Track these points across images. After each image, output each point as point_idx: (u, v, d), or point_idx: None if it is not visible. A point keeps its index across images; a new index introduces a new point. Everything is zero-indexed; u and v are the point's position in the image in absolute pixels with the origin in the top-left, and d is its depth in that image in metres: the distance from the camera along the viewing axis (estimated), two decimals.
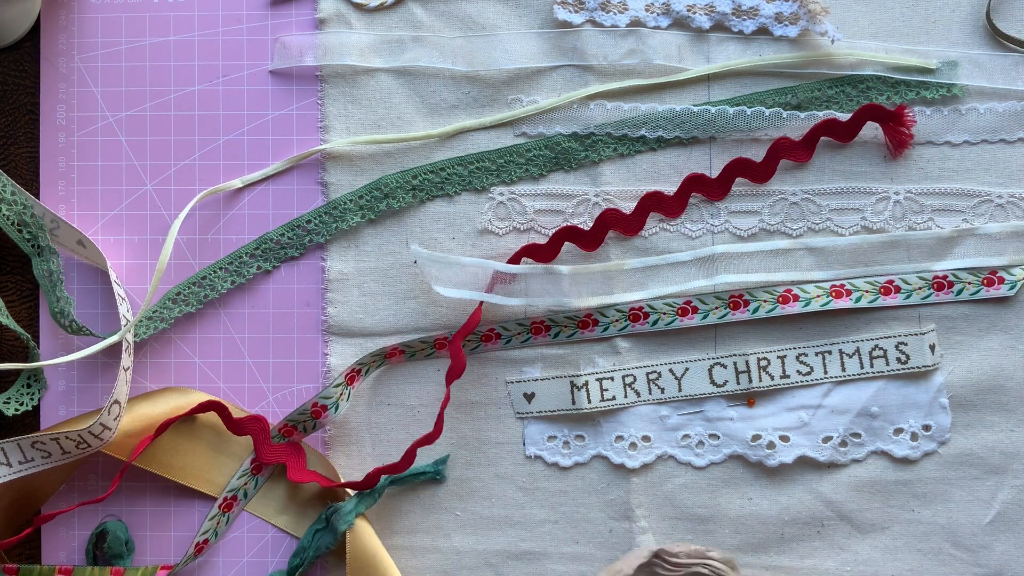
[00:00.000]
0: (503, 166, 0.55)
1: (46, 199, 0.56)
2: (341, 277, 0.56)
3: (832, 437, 0.54)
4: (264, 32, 0.56)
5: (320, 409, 0.54)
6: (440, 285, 0.53)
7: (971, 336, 0.54)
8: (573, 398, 0.55)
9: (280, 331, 0.56)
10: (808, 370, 0.54)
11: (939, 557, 0.54)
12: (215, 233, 0.56)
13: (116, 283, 0.55)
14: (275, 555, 0.55)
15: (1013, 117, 0.55)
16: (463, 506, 0.55)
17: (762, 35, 0.55)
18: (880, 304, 0.54)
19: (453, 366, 0.53)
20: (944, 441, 0.54)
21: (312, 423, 0.54)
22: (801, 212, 0.55)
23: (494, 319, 0.55)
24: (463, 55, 0.55)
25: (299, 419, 0.54)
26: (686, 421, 0.55)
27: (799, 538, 0.54)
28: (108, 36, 0.57)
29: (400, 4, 0.56)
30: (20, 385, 0.56)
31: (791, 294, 0.54)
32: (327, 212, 0.56)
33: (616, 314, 0.55)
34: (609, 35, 0.55)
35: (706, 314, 0.54)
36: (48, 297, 0.55)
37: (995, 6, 0.55)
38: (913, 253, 0.54)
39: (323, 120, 0.56)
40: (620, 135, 0.55)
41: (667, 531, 0.55)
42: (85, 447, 0.53)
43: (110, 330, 0.56)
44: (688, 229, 0.55)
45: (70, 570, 0.55)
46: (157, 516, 0.56)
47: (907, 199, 0.55)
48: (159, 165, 0.56)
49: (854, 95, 0.55)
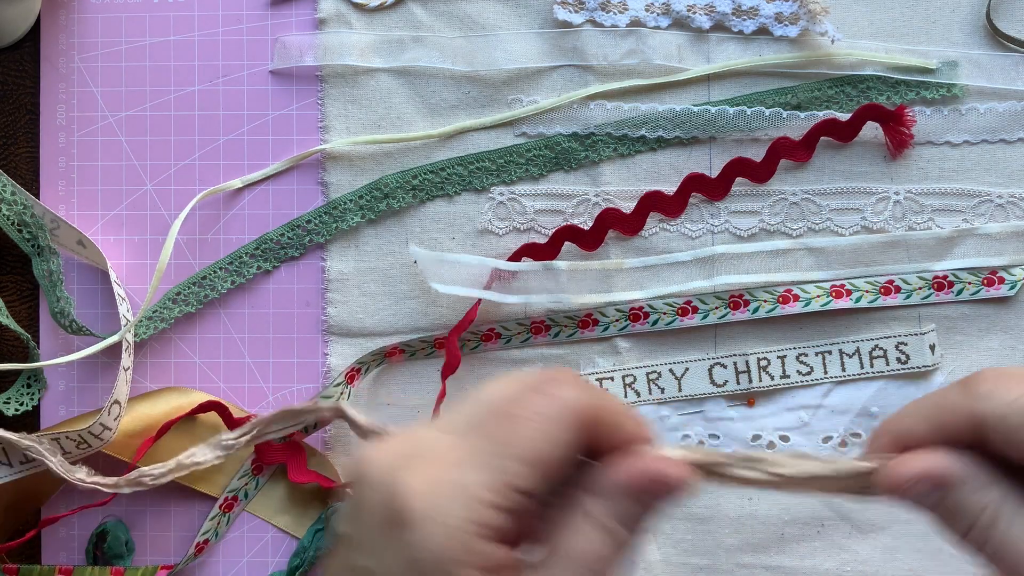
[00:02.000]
0: (503, 166, 0.55)
1: (46, 199, 0.56)
2: (341, 277, 0.56)
3: (832, 437, 0.54)
4: (264, 32, 0.56)
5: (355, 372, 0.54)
6: (438, 282, 0.53)
7: (971, 336, 0.54)
8: None
9: (280, 331, 0.56)
10: (808, 370, 0.54)
11: (939, 557, 0.54)
12: (215, 233, 0.56)
13: (116, 283, 0.55)
14: (275, 555, 0.55)
15: (1013, 117, 0.55)
16: None
17: (762, 35, 0.55)
18: (880, 304, 0.54)
19: (448, 362, 0.53)
20: None
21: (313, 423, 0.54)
22: (801, 212, 0.55)
23: (494, 319, 0.55)
24: (463, 55, 0.55)
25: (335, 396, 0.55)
26: (686, 421, 0.55)
27: (799, 538, 0.54)
28: (108, 36, 0.57)
29: (400, 4, 0.56)
30: (20, 385, 0.56)
31: (791, 294, 0.54)
32: (327, 212, 0.56)
33: (616, 314, 0.55)
34: (609, 35, 0.55)
35: (706, 314, 0.54)
36: (48, 297, 0.55)
37: (995, 6, 0.55)
38: (913, 253, 0.54)
39: (323, 120, 0.56)
40: (620, 135, 0.55)
41: (667, 531, 0.55)
42: (85, 447, 0.53)
43: (110, 330, 0.56)
44: (688, 229, 0.55)
45: (70, 570, 0.55)
46: (157, 516, 0.56)
47: (907, 199, 0.55)
48: (159, 165, 0.56)
49: (854, 95, 0.55)
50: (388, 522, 0.29)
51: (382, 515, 0.30)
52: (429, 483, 0.29)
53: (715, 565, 0.55)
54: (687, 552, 0.55)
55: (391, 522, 0.29)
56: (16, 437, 0.52)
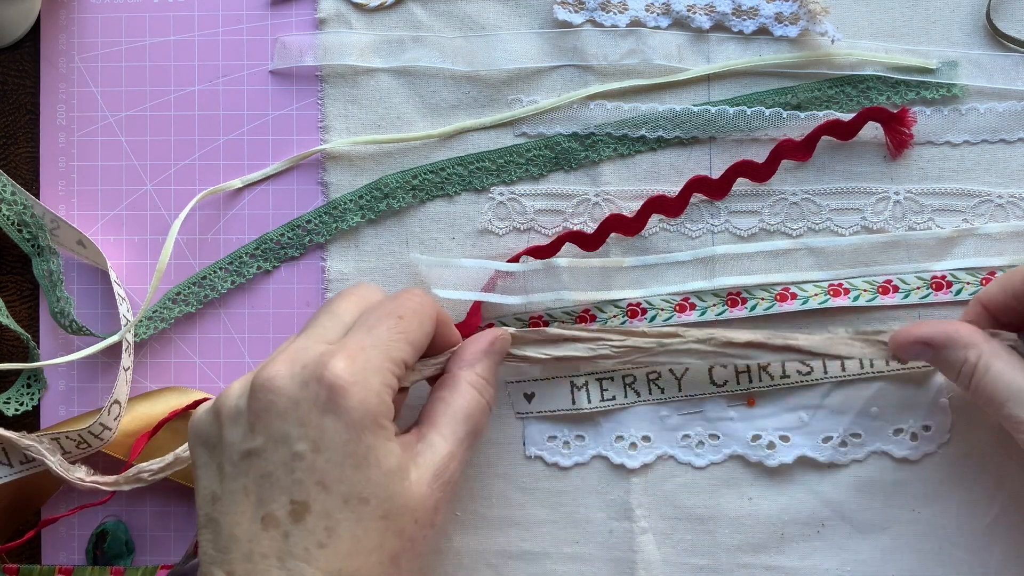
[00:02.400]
0: (503, 166, 0.55)
1: (46, 199, 0.56)
2: (341, 277, 0.56)
3: (832, 437, 0.54)
4: (264, 32, 0.56)
5: None
6: (439, 287, 0.53)
7: None
8: (573, 398, 0.55)
9: (280, 331, 0.56)
10: (808, 370, 0.54)
11: (939, 557, 0.54)
12: (215, 233, 0.56)
13: (116, 283, 0.55)
14: None
15: (1013, 117, 0.55)
16: (463, 506, 0.55)
17: (762, 35, 0.55)
18: (878, 303, 0.54)
19: None
20: (944, 441, 0.54)
21: None
22: (801, 212, 0.55)
23: (493, 315, 0.55)
24: (463, 55, 0.55)
25: None
26: (686, 421, 0.55)
27: (799, 538, 0.54)
28: (108, 36, 0.57)
29: (400, 4, 0.56)
30: (20, 385, 0.56)
31: (789, 292, 0.54)
32: (327, 212, 0.56)
33: (615, 310, 0.55)
34: (609, 35, 0.55)
35: (704, 311, 0.54)
36: (48, 297, 0.55)
37: (995, 6, 0.55)
38: (913, 253, 0.54)
39: (323, 120, 0.56)
40: (620, 135, 0.55)
41: (667, 531, 0.55)
42: (85, 447, 0.53)
43: (110, 330, 0.56)
44: (688, 229, 0.55)
45: (70, 570, 0.55)
46: (157, 516, 0.56)
47: (907, 199, 0.55)
48: (159, 165, 0.56)
49: (854, 95, 0.55)
50: (325, 401, 0.42)
51: (317, 398, 0.42)
52: (350, 365, 0.42)
53: (715, 565, 0.55)
54: (687, 552, 0.55)
55: (327, 399, 0.42)
56: (16, 437, 0.52)
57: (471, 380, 0.48)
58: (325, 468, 0.41)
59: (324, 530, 0.41)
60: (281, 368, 0.43)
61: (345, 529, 0.41)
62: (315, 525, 0.41)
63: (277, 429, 0.42)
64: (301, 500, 0.41)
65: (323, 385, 0.42)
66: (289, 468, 0.42)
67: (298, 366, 0.43)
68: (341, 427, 0.42)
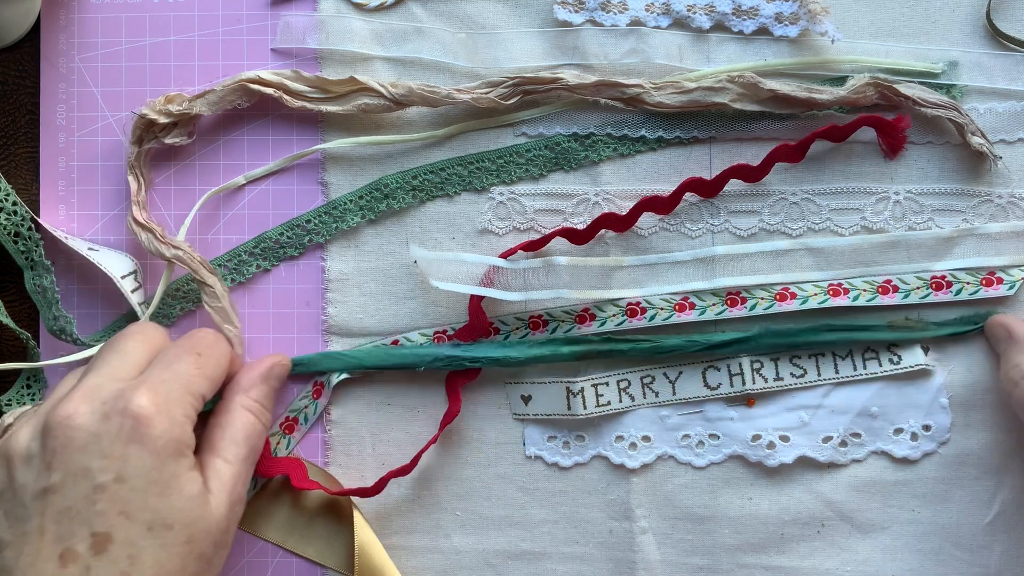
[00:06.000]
0: (503, 166, 0.56)
1: (46, 199, 0.56)
2: (341, 277, 0.56)
3: (832, 437, 0.54)
4: (264, 32, 0.56)
5: (320, 387, 0.55)
6: (438, 280, 0.53)
7: (971, 336, 0.54)
8: (568, 403, 0.55)
9: (280, 331, 0.56)
10: (802, 372, 0.54)
11: (939, 557, 0.54)
12: (215, 233, 0.56)
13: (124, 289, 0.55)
14: (275, 555, 0.55)
15: (1013, 117, 0.55)
16: (463, 506, 0.55)
17: (762, 35, 0.55)
18: (878, 303, 0.54)
19: (450, 409, 0.54)
20: (944, 441, 0.54)
21: (313, 405, 0.55)
22: (801, 212, 0.55)
23: (492, 314, 0.55)
24: (464, 52, 0.55)
25: (300, 408, 0.55)
26: (686, 421, 0.55)
27: (799, 538, 0.54)
28: (108, 36, 0.57)
29: (400, 4, 0.56)
30: (20, 385, 0.56)
31: (788, 292, 0.54)
32: (327, 212, 0.56)
33: (614, 309, 0.55)
34: (609, 35, 0.55)
35: (703, 310, 0.54)
36: (43, 314, 0.54)
37: (995, 6, 0.55)
38: (913, 253, 0.54)
39: (323, 120, 0.56)
40: (620, 135, 0.55)
41: (667, 531, 0.55)
42: None
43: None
44: (688, 229, 0.55)
45: None
46: None
47: (907, 199, 0.55)
48: (159, 165, 0.56)
49: None
50: (129, 431, 0.43)
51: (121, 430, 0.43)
52: (154, 397, 0.44)
53: (715, 565, 0.55)
54: (687, 552, 0.55)
55: (132, 430, 0.43)
56: None
57: (246, 404, 0.50)
58: (129, 497, 0.43)
59: (127, 558, 0.42)
60: (80, 405, 0.44)
61: (149, 556, 0.42)
62: (118, 554, 0.42)
63: (77, 463, 0.43)
64: (103, 531, 0.42)
65: (127, 416, 0.43)
66: (90, 500, 0.42)
67: (97, 402, 0.44)
68: (146, 455, 0.43)
